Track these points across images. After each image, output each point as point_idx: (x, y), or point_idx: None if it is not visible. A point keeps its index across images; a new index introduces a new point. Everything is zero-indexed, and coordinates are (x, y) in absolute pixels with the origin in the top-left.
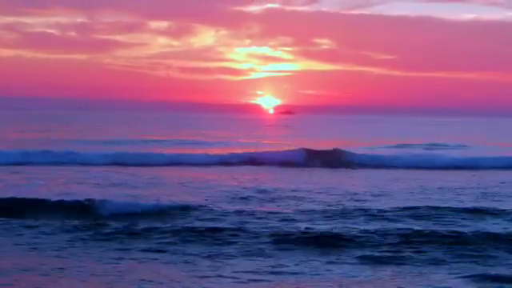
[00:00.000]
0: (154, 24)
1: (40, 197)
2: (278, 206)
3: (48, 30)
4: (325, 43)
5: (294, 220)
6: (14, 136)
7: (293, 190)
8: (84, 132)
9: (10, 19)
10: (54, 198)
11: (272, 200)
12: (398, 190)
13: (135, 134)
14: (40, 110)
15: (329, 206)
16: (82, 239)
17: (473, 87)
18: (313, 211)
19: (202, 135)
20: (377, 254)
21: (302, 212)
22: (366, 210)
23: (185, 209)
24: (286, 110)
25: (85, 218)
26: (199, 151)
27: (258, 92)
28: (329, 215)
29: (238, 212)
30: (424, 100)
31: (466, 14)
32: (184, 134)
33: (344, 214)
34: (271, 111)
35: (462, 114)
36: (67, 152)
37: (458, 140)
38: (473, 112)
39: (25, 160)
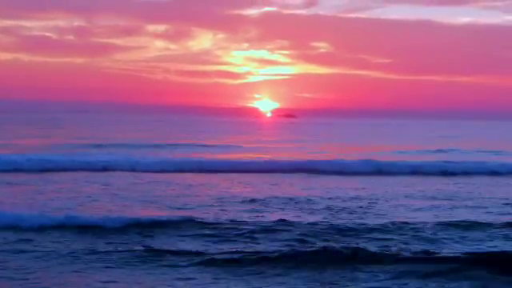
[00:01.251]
0: (152, 27)
1: None
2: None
3: (46, 34)
4: (322, 47)
5: None
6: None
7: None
8: (98, 135)
9: (8, 22)
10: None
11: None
12: None
13: (156, 138)
14: (38, 113)
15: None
16: None
17: (470, 91)
18: None
19: (229, 139)
20: None
21: None
22: None
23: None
24: (288, 114)
25: None
26: (252, 156)
27: (256, 95)
28: None
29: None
30: (421, 103)
31: (463, 18)
32: (210, 138)
33: None
34: (269, 114)
35: (459, 117)
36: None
37: (490, 145)
38: (470, 115)
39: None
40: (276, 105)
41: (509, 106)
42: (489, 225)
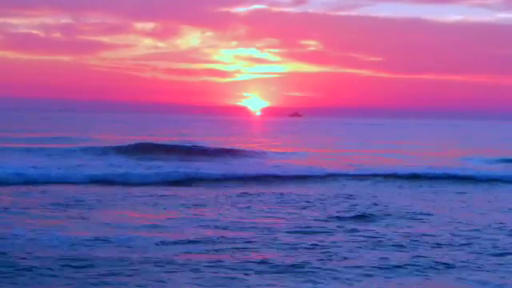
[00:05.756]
0: (140, 25)
1: None
2: None
3: (33, 31)
4: (312, 45)
5: None
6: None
7: None
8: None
9: None
10: None
11: None
12: None
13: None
14: (24, 111)
15: None
16: None
17: (461, 89)
18: None
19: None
20: None
21: None
22: None
23: None
24: (294, 113)
25: None
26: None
27: (245, 94)
28: None
29: None
30: (413, 102)
31: (453, 16)
32: (247, 140)
33: None
34: (258, 113)
35: (451, 116)
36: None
37: None
38: (461, 114)
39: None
40: (266, 103)
41: (501, 105)
42: None
